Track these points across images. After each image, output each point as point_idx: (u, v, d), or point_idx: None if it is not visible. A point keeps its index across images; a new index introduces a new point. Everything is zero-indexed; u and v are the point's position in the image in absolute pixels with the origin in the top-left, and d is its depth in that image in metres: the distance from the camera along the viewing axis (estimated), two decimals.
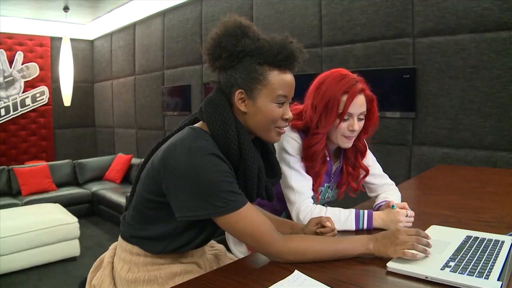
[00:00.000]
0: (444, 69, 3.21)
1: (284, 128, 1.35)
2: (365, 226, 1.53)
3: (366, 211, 1.55)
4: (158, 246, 1.30)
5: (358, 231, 1.54)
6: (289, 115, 1.32)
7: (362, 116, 1.61)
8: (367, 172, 1.79)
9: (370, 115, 1.66)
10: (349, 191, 1.84)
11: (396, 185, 1.88)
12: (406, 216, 1.51)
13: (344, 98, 1.55)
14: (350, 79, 1.57)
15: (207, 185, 1.13)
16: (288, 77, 1.28)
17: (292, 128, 1.67)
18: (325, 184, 1.75)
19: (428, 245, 1.17)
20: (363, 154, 1.77)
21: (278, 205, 1.77)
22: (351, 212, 1.55)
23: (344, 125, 1.58)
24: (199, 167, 1.13)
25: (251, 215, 1.19)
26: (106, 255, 1.45)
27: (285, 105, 1.30)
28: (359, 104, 1.57)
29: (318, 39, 4.09)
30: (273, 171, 1.46)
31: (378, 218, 1.54)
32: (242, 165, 1.26)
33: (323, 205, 1.75)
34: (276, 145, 1.68)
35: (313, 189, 1.67)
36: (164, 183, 1.19)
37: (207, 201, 1.14)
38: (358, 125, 1.59)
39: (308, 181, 1.62)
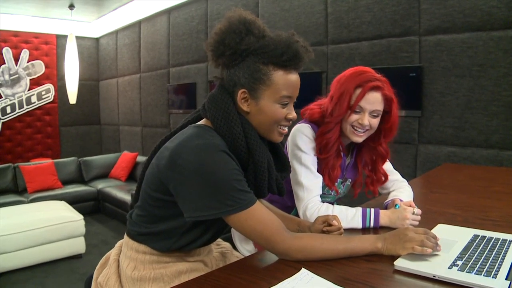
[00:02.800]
0: (450, 67, 3.20)
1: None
2: (371, 224, 1.53)
3: (372, 209, 1.55)
4: (165, 243, 1.30)
5: (364, 229, 1.54)
6: (293, 115, 1.30)
7: (376, 114, 1.61)
8: (385, 178, 1.79)
9: (388, 117, 1.65)
10: (368, 194, 1.83)
11: None
12: (413, 213, 1.51)
13: (357, 91, 1.57)
14: (368, 75, 1.59)
15: (218, 183, 1.13)
16: (293, 77, 1.26)
17: (306, 121, 1.69)
18: (338, 180, 1.75)
19: (436, 246, 1.17)
20: (383, 160, 1.77)
21: (289, 201, 1.77)
22: (358, 210, 1.56)
23: (354, 117, 1.60)
24: (208, 165, 1.12)
25: (260, 213, 1.19)
26: (112, 253, 1.45)
27: (289, 105, 1.29)
28: (372, 100, 1.57)
29: (324, 37, 4.08)
30: (282, 165, 1.44)
31: (385, 216, 1.54)
32: (251, 160, 1.25)
33: (334, 202, 1.76)
34: (288, 140, 1.68)
35: (329, 184, 1.67)
36: (172, 183, 1.18)
37: (217, 200, 1.13)
38: (368, 121, 1.59)
39: (318, 179, 1.63)
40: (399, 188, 1.79)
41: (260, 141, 1.28)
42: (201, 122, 1.32)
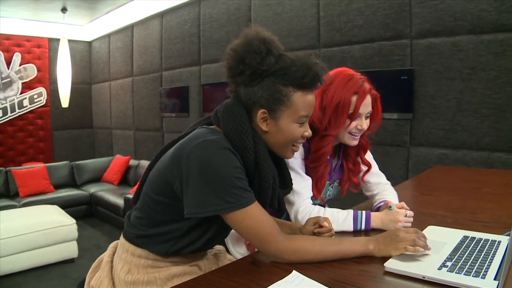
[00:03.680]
0: (441, 70, 3.22)
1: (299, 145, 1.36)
2: (363, 227, 1.54)
3: (364, 212, 1.55)
4: (163, 246, 1.30)
5: (355, 232, 1.54)
6: (309, 132, 1.33)
7: (369, 114, 1.63)
8: (369, 167, 1.80)
9: (374, 113, 1.67)
10: (351, 186, 1.84)
11: (394, 186, 1.88)
12: (405, 216, 1.51)
13: (354, 98, 1.56)
14: (358, 79, 1.58)
15: (220, 179, 1.14)
16: (311, 97, 1.29)
17: None
18: (326, 182, 1.75)
19: (426, 246, 1.18)
20: (365, 150, 1.78)
21: None
22: (349, 213, 1.56)
23: (353, 124, 1.60)
24: (212, 161, 1.14)
25: (258, 214, 1.20)
26: (105, 255, 1.45)
27: (305, 123, 1.32)
28: (367, 104, 1.59)
29: (316, 41, 4.10)
30: (284, 182, 1.46)
31: (376, 218, 1.54)
32: (257, 175, 1.27)
33: (323, 204, 1.76)
34: None
35: (316, 194, 1.67)
36: (177, 180, 1.19)
37: (218, 196, 1.14)
38: (366, 124, 1.61)
39: (307, 181, 1.63)
40: (385, 191, 1.79)
41: (269, 157, 1.30)
42: (212, 127, 1.33)
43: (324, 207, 1.64)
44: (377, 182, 1.84)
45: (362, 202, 1.98)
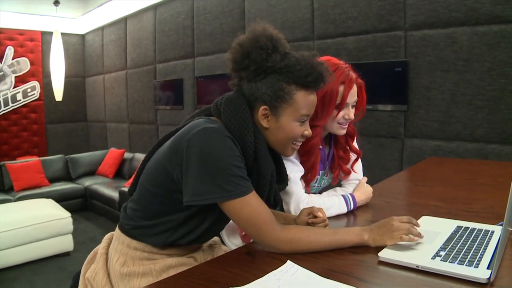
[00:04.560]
0: (435, 62, 3.23)
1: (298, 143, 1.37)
2: (352, 206, 1.65)
3: (348, 193, 1.68)
4: (159, 237, 1.30)
5: (348, 214, 1.64)
6: (309, 131, 1.34)
7: (355, 103, 1.63)
8: (358, 154, 1.81)
9: (359, 102, 1.67)
10: (341, 175, 1.85)
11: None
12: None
13: (341, 88, 1.56)
14: (344, 69, 1.58)
15: (219, 167, 1.14)
16: (313, 97, 1.30)
17: None
18: (320, 172, 1.76)
19: (419, 234, 1.20)
20: (352, 137, 1.79)
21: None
22: (339, 196, 1.66)
23: (340, 114, 1.60)
24: (212, 148, 1.14)
25: (256, 203, 1.20)
26: (100, 247, 1.45)
27: (306, 122, 1.33)
28: (354, 93, 1.60)
29: (310, 32, 4.09)
30: (281, 177, 1.47)
31: (357, 193, 1.71)
32: (255, 169, 1.28)
33: (319, 192, 1.79)
34: None
35: (306, 183, 1.68)
36: (177, 169, 1.19)
37: (217, 185, 1.14)
38: (353, 113, 1.62)
39: (301, 171, 1.64)
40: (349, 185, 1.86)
41: (268, 152, 1.31)
42: (212, 118, 1.33)
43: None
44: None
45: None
